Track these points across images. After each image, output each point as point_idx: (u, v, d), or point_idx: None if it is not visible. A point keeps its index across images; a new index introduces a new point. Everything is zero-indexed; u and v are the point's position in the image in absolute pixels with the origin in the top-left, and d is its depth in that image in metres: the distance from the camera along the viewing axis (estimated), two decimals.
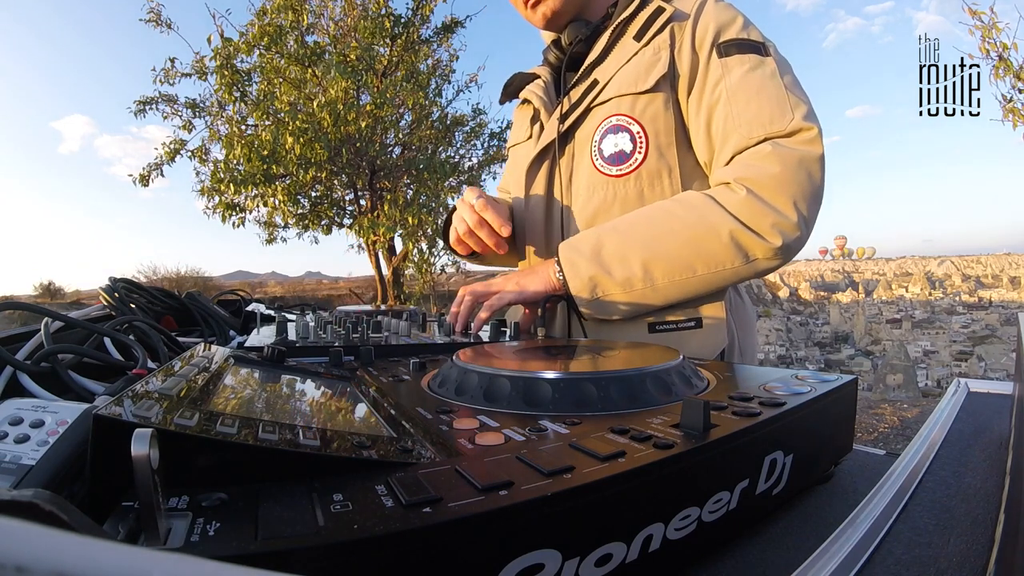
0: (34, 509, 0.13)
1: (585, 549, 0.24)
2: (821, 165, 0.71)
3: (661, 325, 0.80)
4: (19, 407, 0.32)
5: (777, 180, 0.70)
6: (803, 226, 0.72)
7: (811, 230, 0.74)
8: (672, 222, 0.73)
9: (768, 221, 0.70)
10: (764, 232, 0.70)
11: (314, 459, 0.26)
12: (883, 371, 11.69)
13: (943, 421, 0.52)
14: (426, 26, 6.04)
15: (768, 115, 0.72)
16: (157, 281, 13.78)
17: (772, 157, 0.70)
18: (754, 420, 0.33)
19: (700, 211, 0.73)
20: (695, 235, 0.72)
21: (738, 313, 0.86)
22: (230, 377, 0.43)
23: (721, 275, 0.73)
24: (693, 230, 0.72)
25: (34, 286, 18.62)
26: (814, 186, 0.71)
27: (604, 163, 0.83)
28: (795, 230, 0.71)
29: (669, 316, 0.81)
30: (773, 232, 0.71)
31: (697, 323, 0.80)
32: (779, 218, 0.70)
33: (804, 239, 0.73)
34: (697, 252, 0.72)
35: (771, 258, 0.72)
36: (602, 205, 0.84)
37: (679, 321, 0.80)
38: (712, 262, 0.72)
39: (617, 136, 0.81)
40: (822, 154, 0.71)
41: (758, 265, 0.73)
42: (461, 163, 6.62)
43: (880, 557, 0.29)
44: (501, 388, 0.40)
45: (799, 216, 0.71)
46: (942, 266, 65.28)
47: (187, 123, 5.76)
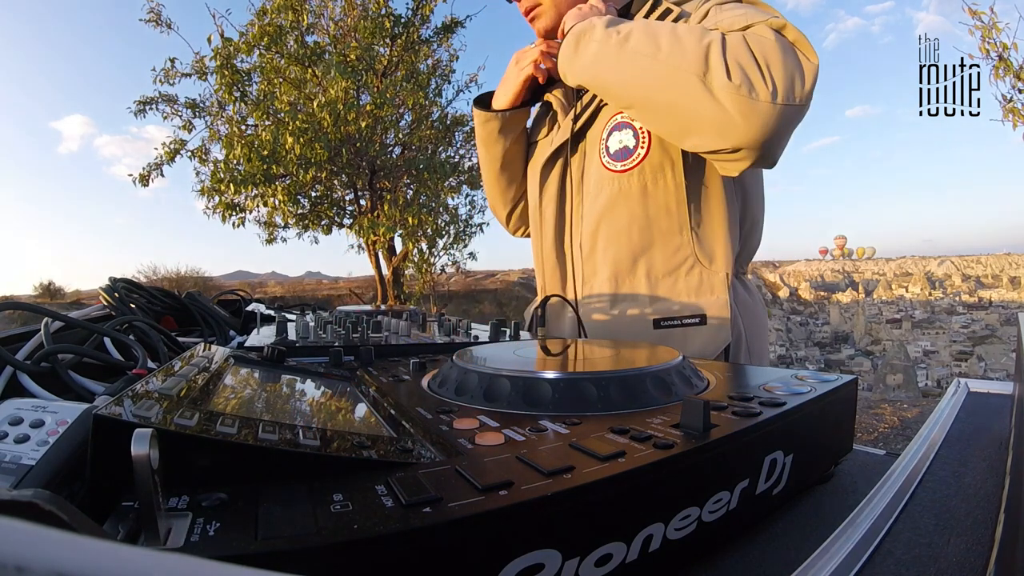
0: (34, 509, 0.13)
1: (585, 549, 0.24)
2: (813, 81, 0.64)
3: (665, 321, 0.81)
4: (19, 407, 0.32)
5: (782, 55, 0.63)
6: (780, 116, 0.63)
7: (777, 141, 0.66)
8: (676, 27, 0.69)
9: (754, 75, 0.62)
10: (736, 78, 0.62)
11: (314, 459, 0.26)
12: (883, 371, 11.69)
13: (943, 421, 0.52)
14: (426, 26, 6.03)
15: (761, 14, 0.69)
16: (157, 281, 13.78)
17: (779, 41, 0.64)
18: (754, 420, 0.33)
19: (706, 31, 0.67)
20: (682, 34, 0.67)
21: (747, 311, 0.85)
22: (230, 377, 0.43)
23: (670, 80, 0.66)
24: (684, 33, 0.67)
25: (34, 286, 18.62)
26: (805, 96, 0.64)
27: (610, 159, 0.85)
28: (772, 110, 0.62)
29: (674, 312, 0.81)
30: (751, 86, 0.62)
31: (702, 320, 0.80)
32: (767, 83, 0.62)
33: (772, 134, 0.64)
34: (673, 43, 0.67)
35: (726, 112, 0.63)
36: (608, 201, 0.85)
37: (683, 317, 0.81)
38: (677, 55, 0.65)
39: (622, 133, 0.83)
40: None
41: (707, 108, 0.64)
42: (461, 163, 6.61)
43: (880, 557, 0.29)
44: (501, 388, 0.40)
45: (791, 98, 0.63)
46: (942, 266, 65.31)
47: (187, 123, 5.76)
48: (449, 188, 6.29)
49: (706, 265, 0.83)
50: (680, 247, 0.83)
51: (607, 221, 0.86)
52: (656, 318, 0.82)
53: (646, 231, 0.84)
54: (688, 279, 0.83)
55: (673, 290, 0.84)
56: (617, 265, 0.87)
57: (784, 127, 0.65)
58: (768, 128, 0.63)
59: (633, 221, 0.84)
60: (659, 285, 0.85)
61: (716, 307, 0.81)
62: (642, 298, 0.85)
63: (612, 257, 0.87)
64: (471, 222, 6.77)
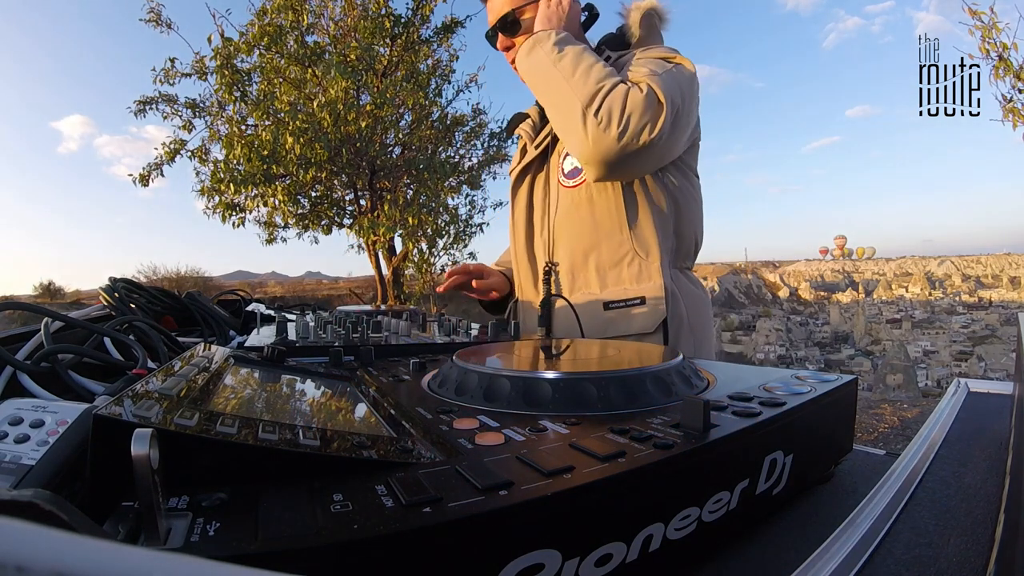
0: (34, 509, 0.13)
1: (585, 549, 0.24)
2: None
3: (613, 304, 1.01)
4: (19, 407, 0.32)
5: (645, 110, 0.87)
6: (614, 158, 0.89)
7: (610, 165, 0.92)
8: (595, 65, 0.92)
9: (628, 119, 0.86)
10: (611, 120, 0.86)
11: (314, 459, 0.26)
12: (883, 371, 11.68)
13: (943, 421, 0.52)
14: (426, 26, 6.02)
15: (662, 67, 0.93)
16: (157, 281, 13.77)
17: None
18: (754, 420, 0.33)
19: (611, 74, 0.91)
20: (594, 71, 0.90)
21: (690, 298, 1.03)
22: (230, 377, 0.43)
23: (566, 100, 0.91)
24: (595, 71, 0.90)
25: (34, 286, 18.60)
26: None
27: (564, 177, 1.08)
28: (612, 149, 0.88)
29: (619, 296, 1.01)
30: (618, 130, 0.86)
31: (642, 301, 0.99)
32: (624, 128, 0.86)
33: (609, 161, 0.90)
34: (584, 74, 0.90)
35: (589, 139, 0.88)
36: (564, 210, 1.07)
37: (627, 300, 1.00)
38: (579, 84, 0.90)
39: (572, 157, 1.05)
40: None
41: (578, 128, 0.89)
42: (461, 163, 6.61)
43: (880, 557, 0.29)
44: (501, 388, 0.40)
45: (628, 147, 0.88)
46: (942, 266, 65.24)
47: (187, 123, 5.75)
48: (449, 188, 6.29)
49: (643, 257, 1.02)
50: (622, 243, 1.02)
51: (564, 226, 1.08)
52: (605, 301, 1.01)
53: (594, 232, 1.04)
54: (630, 269, 1.02)
55: (618, 279, 1.03)
56: (572, 260, 1.07)
57: (623, 158, 0.89)
58: (608, 155, 0.89)
59: (583, 224, 1.05)
60: (607, 275, 1.04)
61: (652, 290, 0.99)
62: (594, 286, 1.05)
63: (568, 254, 1.07)
64: (471, 222, 6.76)
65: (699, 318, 1.04)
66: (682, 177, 1.05)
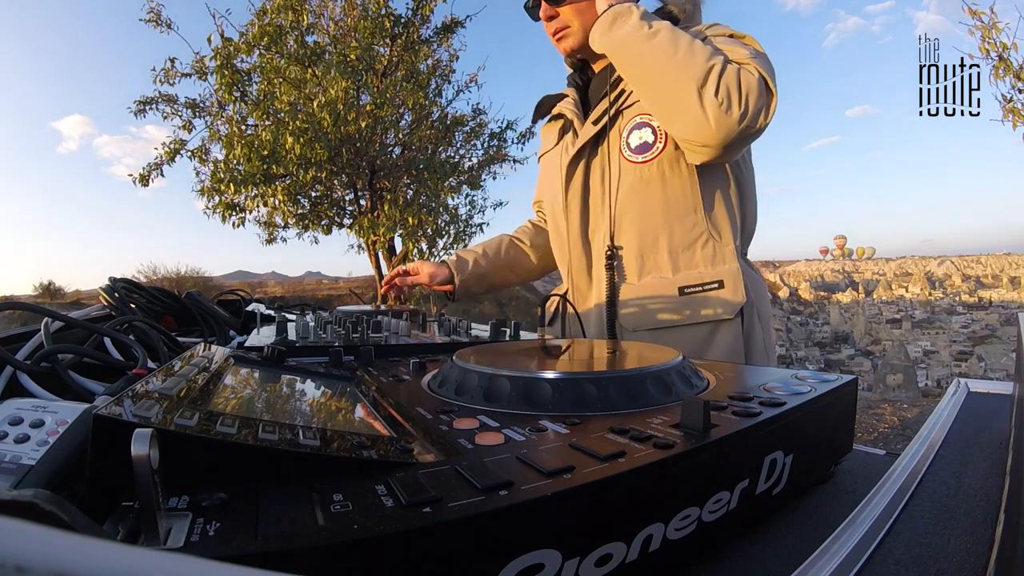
0: (34, 509, 0.13)
1: (585, 549, 0.24)
2: None
3: (688, 288, 0.94)
4: (19, 407, 0.32)
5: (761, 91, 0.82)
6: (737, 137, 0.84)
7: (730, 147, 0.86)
8: (695, 41, 0.86)
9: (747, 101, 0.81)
10: (732, 102, 0.81)
11: (314, 459, 0.26)
12: (883, 371, 11.69)
13: (943, 421, 0.52)
14: (426, 26, 6.03)
15: (746, 50, 0.87)
16: (157, 281, 13.77)
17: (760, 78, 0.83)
18: (754, 420, 0.33)
19: (716, 52, 0.85)
20: (697, 48, 0.84)
21: (753, 281, 0.97)
22: (230, 377, 0.43)
23: (676, 78, 0.84)
24: (699, 49, 0.84)
25: (34, 286, 18.59)
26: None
27: (632, 153, 0.98)
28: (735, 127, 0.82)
29: (694, 280, 0.95)
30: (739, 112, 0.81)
31: (720, 284, 0.93)
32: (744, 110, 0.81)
33: (731, 140, 0.84)
34: (688, 52, 0.84)
35: (708, 123, 0.83)
36: (630, 189, 0.98)
37: (704, 284, 0.94)
38: (687, 63, 0.84)
39: (641, 131, 0.98)
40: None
41: (694, 108, 0.83)
42: (461, 163, 6.61)
43: (880, 557, 0.29)
44: (501, 388, 0.40)
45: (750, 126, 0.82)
46: (942, 266, 65.21)
47: (187, 123, 5.75)
48: (449, 188, 6.29)
49: (717, 239, 0.96)
50: (696, 223, 0.96)
51: (631, 205, 0.98)
52: (681, 286, 0.94)
53: (666, 212, 0.96)
54: (704, 251, 0.96)
55: (692, 262, 0.96)
56: (642, 242, 0.98)
57: (740, 140, 0.85)
58: (729, 137, 0.84)
59: (654, 203, 0.97)
60: (680, 258, 0.97)
61: (730, 274, 0.94)
62: (665, 269, 0.97)
63: (636, 235, 0.99)
64: (471, 222, 6.77)
65: (764, 307, 0.98)
66: (744, 160, 1.01)
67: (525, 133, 6.70)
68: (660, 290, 0.95)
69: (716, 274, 0.94)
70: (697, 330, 0.92)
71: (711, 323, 0.92)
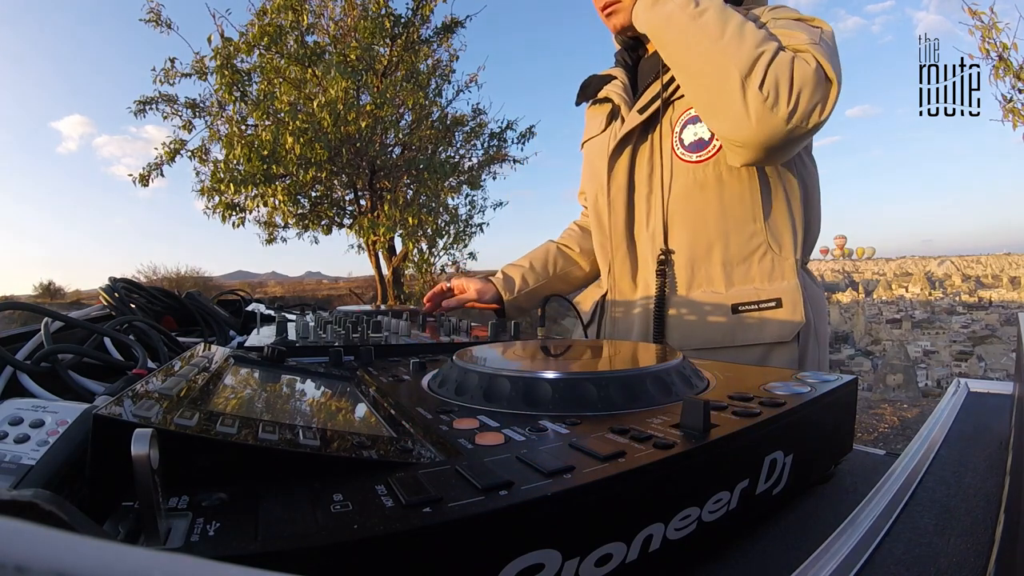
0: (34, 509, 0.13)
1: (585, 549, 0.24)
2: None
3: (743, 306, 0.85)
4: (19, 407, 0.32)
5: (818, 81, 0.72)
6: (788, 134, 0.73)
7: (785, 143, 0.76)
8: (745, 23, 0.76)
9: (795, 94, 0.71)
10: (781, 95, 0.71)
11: (314, 459, 0.26)
12: (883, 371, 11.69)
13: (943, 421, 0.52)
14: (426, 26, 6.03)
15: (810, 33, 0.76)
16: (157, 281, 13.77)
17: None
18: (754, 420, 0.33)
19: (768, 37, 0.75)
20: (747, 31, 0.74)
21: (813, 297, 0.88)
22: (230, 377, 0.43)
23: (719, 66, 0.74)
24: (749, 31, 0.74)
25: (34, 286, 18.59)
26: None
27: (684, 151, 0.88)
28: (784, 125, 0.72)
29: (750, 297, 0.85)
30: (785, 105, 0.71)
31: (778, 303, 0.84)
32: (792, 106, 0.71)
33: (780, 140, 0.74)
34: (736, 35, 0.74)
35: (750, 118, 0.73)
36: (684, 189, 0.89)
37: (760, 302, 0.84)
38: (733, 47, 0.73)
39: (696, 126, 0.87)
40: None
41: (736, 102, 0.73)
42: (461, 163, 6.62)
43: (880, 557, 0.29)
44: (501, 388, 0.40)
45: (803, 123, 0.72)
46: (942, 266, 65.24)
47: (187, 123, 5.76)
48: (449, 188, 6.29)
49: (776, 252, 0.87)
50: (754, 234, 0.86)
51: (683, 209, 0.89)
52: (734, 303, 0.85)
53: (721, 219, 0.87)
54: (761, 265, 0.87)
55: (747, 276, 0.87)
56: (693, 251, 0.89)
57: (788, 142, 0.75)
58: (773, 138, 0.73)
59: (709, 209, 0.87)
60: (734, 272, 0.87)
61: (789, 292, 0.84)
62: (718, 283, 0.88)
63: (688, 243, 0.89)
64: (471, 222, 6.78)
65: (823, 326, 0.89)
66: (807, 155, 0.89)
67: (525, 133, 6.71)
68: (711, 306, 0.86)
69: (773, 291, 0.84)
70: (749, 352, 0.84)
71: (765, 345, 0.83)
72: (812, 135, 0.76)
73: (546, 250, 1.17)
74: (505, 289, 1.09)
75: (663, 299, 0.89)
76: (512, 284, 1.10)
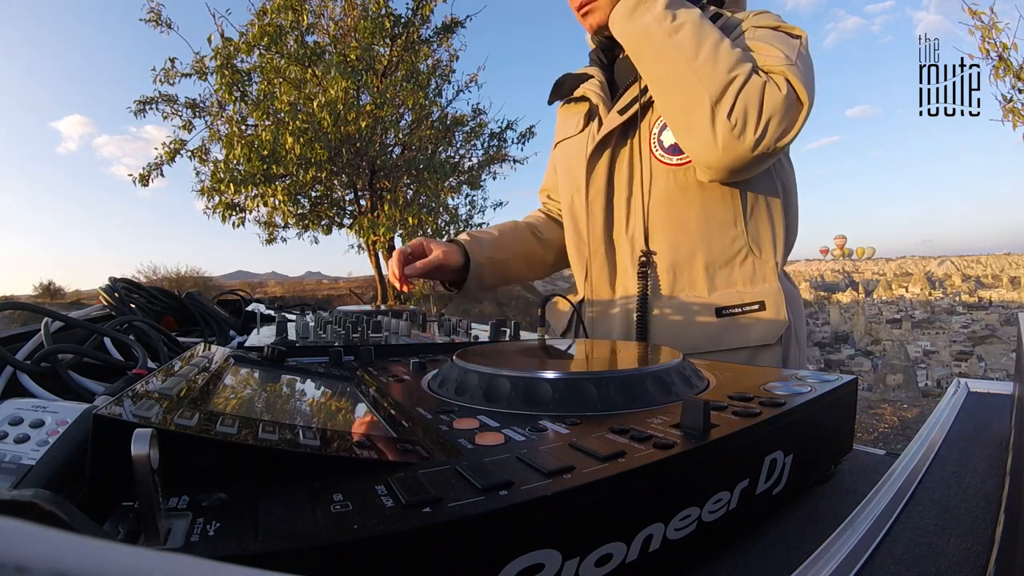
0: (34, 509, 0.13)
1: (585, 549, 0.24)
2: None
3: (727, 310, 0.85)
4: (19, 407, 0.32)
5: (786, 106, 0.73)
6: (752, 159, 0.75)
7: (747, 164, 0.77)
8: (721, 43, 0.76)
9: (763, 120, 0.72)
10: (749, 120, 0.72)
11: (314, 459, 0.26)
12: (883, 371, 11.69)
13: (943, 421, 0.52)
14: (426, 26, 6.04)
15: (788, 44, 0.77)
16: (157, 281, 13.77)
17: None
18: (754, 420, 0.33)
19: (742, 59, 0.75)
20: (721, 53, 0.74)
21: (792, 300, 0.88)
22: (230, 377, 0.43)
23: (690, 88, 0.75)
24: (723, 53, 0.75)
25: (34, 286, 18.59)
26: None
27: (664, 153, 0.87)
28: (749, 152, 0.73)
29: (734, 300, 0.85)
30: (754, 132, 0.72)
31: (761, 306, 0.84)
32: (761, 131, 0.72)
33: (743, 163, 0.76)
34: (710, 57, 0.74)
35: (716, 142, 0.74)
36: (664, 193, 0.88)
37: (744, 305, 0.85)
38: (707, 71, 0.74)
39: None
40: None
41: (704, 126, 0.74)
42: (461, 163, 6.62)
43: (880, 557, 0.29)
44: (501, 388, 0.40)
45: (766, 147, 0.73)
46: (942, 266, 65.25)
47: (187, 123, 5.76)
48: (449, 188, 6.29)
49: (758, 255, 0.87)
50: (735, 237, 0.86)
51: (664, 212, 0.88)
52: (719, 307, 0.85)
53: (704, 222, 0.86)
54: (743, 268, 0.87)
55: (729, 280, 0.87)
56: (675, 255, 0.88)
57: (753, 165, 0.77)
58: (738, 163, 0.76)
59: (691, 212, 0.87)
60: (717, 275, 0.87)
61: (772, 294, 0.85)
62: (701, 287, 0.88)
63: (670, 247, 0.88)
64: (471, 222, 6.77)
65: (802, 327, 0.89)
66: (785, 158, 0.90)
67: (525, 133, 6.71)
68: (695, 310, 0.86)
69: (756, 294, 0.85)
70: (734, 356, 0.83)
71: (751, 348, 0.83)
72: (779, 154, 0.78)
73: (515, 226, 1.13)
74: (473, 251, 1.01)
75: (645, 303, 0.88)
76: (481, 247, 1.02)
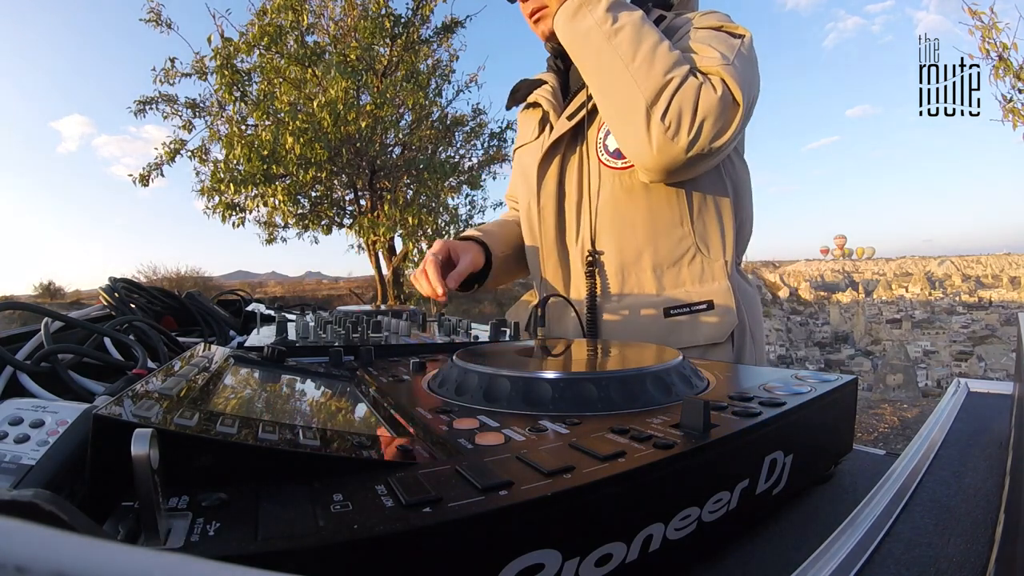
0: (34, 509, 0.13)
1: (585, 549, 0.24)
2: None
3: (675, 310, 0.85)
4: (19, 407, 0.31)
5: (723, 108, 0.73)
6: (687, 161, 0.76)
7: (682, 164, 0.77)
8: (659, 45, 0.76)
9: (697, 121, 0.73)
10: (684, 121, 0.73)
11: (314, 459, 0.26)
12: (883, 371, 11.69)
13: (943, 421, 0.52)
14: (426, 26, 6.04)
15: (728, 44, 0.78)
16: (157, 281, 13.77)
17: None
18: (754, 420, 0.33)
19: (679, 61, 0.75)
20: (659, 56, 0.75)
21: (747, 300, 0.89)
22: (230, 377, 0.43)
23: (625, 91, 0.76)
24: (660, 55, 0.75)
25: (34, 286, 18.60)
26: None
27: (609, 157, 0.88)
28: (683, 154, 0.74)
29: (682, 300, 0.86)
30: (688, 134, 0.73)
31: (709, 305, 0.85)
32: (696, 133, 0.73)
33: (679, 164, 0.77)
34: (647, 59, 0.75)
35: (652, 145, 0.75)
36: (610, 196, 0.89)
37: (692, 304, 0.85)
38: (643, 74, 0.75)
39: None
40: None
41: (639, 128, 0.75)
42: (461, 163, 6.62)
43: (880, 557, 0.29)
44: (501, 388, 0.40)
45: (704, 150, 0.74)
46: (942, 266, 65.28)
47: (187, 123, 5.77)
48: (449, 188, 6.30)
49: (705, 254, 0.87)
50: (682, 238, 0.87)
51: (611, 215, 0.89)
52: (666, 307, 0.86)
53: (649, 224, 0.87)
54: (691, 268, 0.87)
55: (678, 280, 0.88)
56: (622, 257, 0.89)
57: (689, 166, 0.78)
58: (673, 164, 0.77)
59: (637, 214, 0.87)
60: (664, 275, 0.88)
61: (720, 293, 0.85)
62: (649, 288, 0.88)
63: (617, 249, 0.89)
64: (471, 222, 6.77)
65: (757, 324, 0.90)
66: (736, 157, 0.91)
67: None
68: (644, 311, 0.87)
69: (704, 293, 0.86)
70: (686, 354, 0.85)
71: (701, 347, 0.84)
72: (719, 156, 0.79)
73: (506, 221, 1.13)
74: (493, 248, 1.02)
75: (594, 303, 0.89)
76: (496, 243, 1.04)
